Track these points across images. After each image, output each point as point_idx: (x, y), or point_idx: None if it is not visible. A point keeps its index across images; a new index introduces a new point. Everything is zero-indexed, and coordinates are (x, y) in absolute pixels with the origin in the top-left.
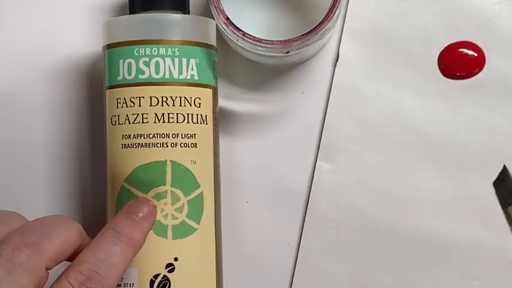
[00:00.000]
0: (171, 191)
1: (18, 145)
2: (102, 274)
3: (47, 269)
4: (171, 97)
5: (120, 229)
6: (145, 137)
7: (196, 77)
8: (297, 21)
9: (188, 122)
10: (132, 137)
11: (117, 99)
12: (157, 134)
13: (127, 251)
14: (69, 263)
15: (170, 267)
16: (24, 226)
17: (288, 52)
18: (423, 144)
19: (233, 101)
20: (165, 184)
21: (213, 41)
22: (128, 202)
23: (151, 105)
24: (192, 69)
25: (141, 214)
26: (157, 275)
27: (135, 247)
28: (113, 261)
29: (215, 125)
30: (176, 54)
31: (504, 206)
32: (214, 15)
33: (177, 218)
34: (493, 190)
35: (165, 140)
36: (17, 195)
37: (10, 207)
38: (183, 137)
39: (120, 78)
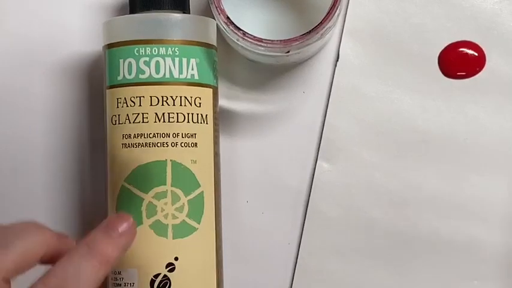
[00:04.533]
0: (171, 190)
1: (18, 145)
2: None
3: (4, 280)
4: (172, 97)
5: (93, 244)
6: (145, 136)
7: (196, 77)
8: (297, 21)
9: (188, 122)
10: (132, 136)
11: (117, 98)
12: (157, 133)
13: (98, 268)
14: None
15: (170, 266)
16: None
17: (288, 52)
18: (423, 144)
19: (233, 101)
20: (165, 184)
21: (213, 41)
22: (108, 217)
23: (151, 104)
24: (192, 69)
25: (119, 230)
26: (158, 274)
27: (108, 264)
28: (81, 278)
29: (215, 124)
30: (176, 53)
31: None
32: (214, 15)
33: (178, 218)
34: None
35: (165, 139)
36: (16, 195)
37: (10, 207)
38: (184, 136)
39: (120, 77)
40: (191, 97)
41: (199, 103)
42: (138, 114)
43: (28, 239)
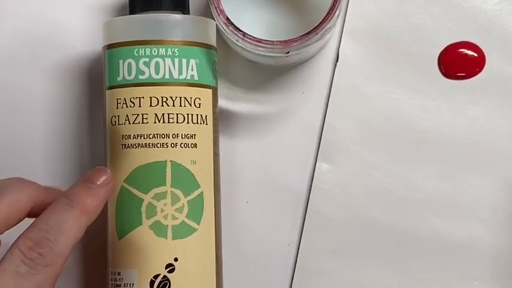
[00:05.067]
0: (171, 191)
1: (18, 145)
2: (52, 240)
3: None
4: (171, 97)
5: (73, 196)
6: (145, 137)
7: (196, 77)
8: (297, 21)
9: (188, 122)
10: (132, 137)
11: (117, 99)
12: (157, 134)
13: (79, 218)
14: None
15: (170, 267)
16: None
17: (288, 52)
18: (423, 144)
19: (233, 101)
20: (165, 184)
21: (213, 41)
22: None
23: (151, 105)
24: (192, 70)
25: (98, 182)
26: (157, 275)
27: (88, 213)
28: (63, 227)
29: (215, 125)
30: (176, 54)
31: None
32: (214, 16)
33: (177, 218)
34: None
35: (165, 140)
36: None
37: None
38: (183, 137)
39: (120, 78)
40: (191, 98)
41: (199, 104)
42: (138, 115)
43: (15, 192)
